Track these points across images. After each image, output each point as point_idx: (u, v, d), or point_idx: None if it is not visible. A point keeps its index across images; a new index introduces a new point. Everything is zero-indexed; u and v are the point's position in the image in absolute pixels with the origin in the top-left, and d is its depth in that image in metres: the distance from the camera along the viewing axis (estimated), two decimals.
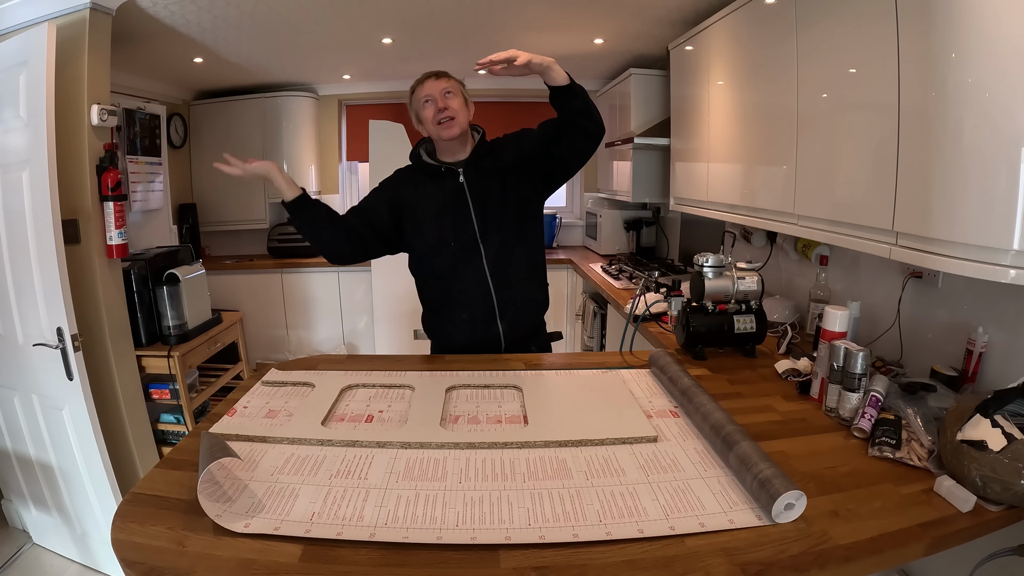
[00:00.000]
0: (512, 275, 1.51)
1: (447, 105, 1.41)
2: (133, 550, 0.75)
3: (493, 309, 1.51)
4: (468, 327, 1.53)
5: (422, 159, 1.52)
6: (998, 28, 0.94)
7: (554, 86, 1.31)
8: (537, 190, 1.53)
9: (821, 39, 1.45)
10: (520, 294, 1.54)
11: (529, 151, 1.48)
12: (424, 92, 1.44)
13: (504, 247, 1.49)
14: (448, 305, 1.54)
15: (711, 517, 0.81)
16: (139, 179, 2.82)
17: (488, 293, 1.49)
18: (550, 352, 1.65)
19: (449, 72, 1.47)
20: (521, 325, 1.56)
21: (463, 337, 1.54)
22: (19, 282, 1.85)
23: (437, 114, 1.42)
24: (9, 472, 2.16)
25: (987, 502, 0.84)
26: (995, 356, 1.23)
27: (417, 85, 1.46)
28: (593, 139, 1.40)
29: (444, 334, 1.59)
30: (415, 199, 1.51)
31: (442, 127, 1.43)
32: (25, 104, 1.74)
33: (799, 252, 2.00)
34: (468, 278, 1.49)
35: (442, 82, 1.43)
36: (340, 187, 4.15)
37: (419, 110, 1.46)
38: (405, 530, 0.78)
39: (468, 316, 1.52)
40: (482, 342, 1.53)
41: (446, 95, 1.42)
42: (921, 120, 1.10)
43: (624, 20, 2.55)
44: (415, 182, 1.52)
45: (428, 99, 1.43)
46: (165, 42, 2.58)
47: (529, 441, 1.02)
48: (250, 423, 1.11)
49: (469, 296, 1.50)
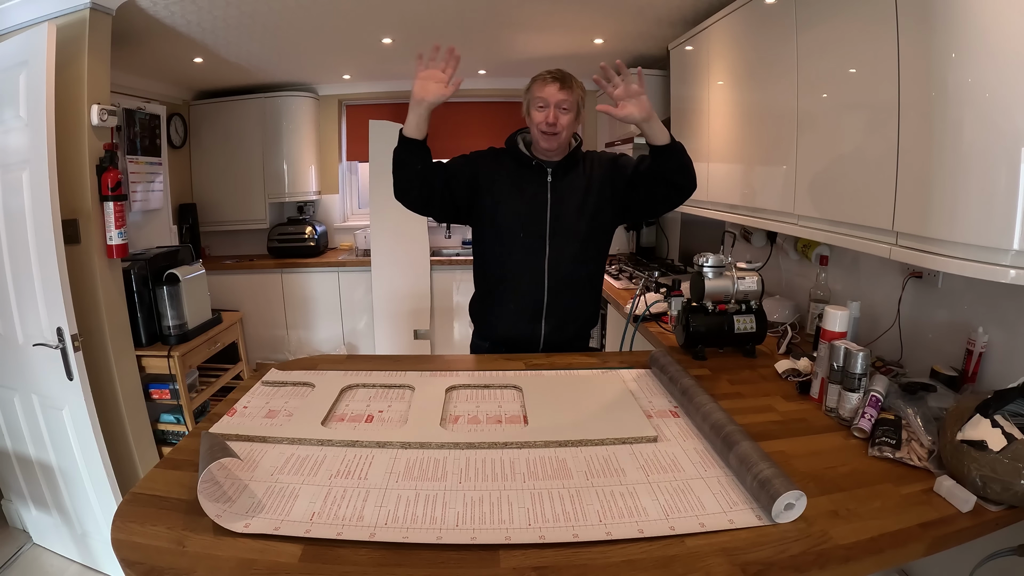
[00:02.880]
0: (568, 281, 1.54)
1: (556, 120, 1.42)
2: (133, 550, 0.75)
3: (541, 308, 1.53)
4: (513, 319, 1.55)
5: (518, 148, 1.54)
6: (998, 28, 0.94)
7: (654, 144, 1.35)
8: (615, 215, 1.56)
9: (821, 39, 1.45)
10: (571, 301, 1.57)
11: (619, 182, 1.51)
12: (543, 94, 1.42)
13: (567, 253, 1.51)
14: (500, 292, 1.56)
15: (711, 517, 0.81)
16: (139, 179, 2.81)
17: (541, 291, 1.52)
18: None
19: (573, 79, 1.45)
20: (564, 330, 1.58)
21: (505, 328, 1.57)
22: (19, 282, 1.85)
23: (545, 123, 1.43)
24: (9, 472, 2.16)
25: (987, 502, 0.84)
26: (995, 356, 1.23)
27: (538, 83, 1.45)
28: (684, 194, 1.44)
29: (489, 321, 1.61)
30: (499, 180, 1.52)
31: (544, 136, 1.45)
32: (25, 104, 1.74)
33: (799, 252, 2.00)
34: (525, 271, 1.52)
35: (562, 93, 1.42)
36: (340, 187, 4.15)
37: (530, 107, 1.47)
38: (405, 530, 0.78)
39: (516, 307, 1.54)
40: (523, 338, 1.56)
41: (561, 110, 1.42)
42: (921, 120, 1.10)
43: (624, 20, 2.54)
44: (504, 165, 1.54)
45: (543, 104, 1.43)
46: (165, 42, 2.58)
47: (529, 441, 1.02)
48: (250, 423, 1.11)
49: (522, 289, 1.53)
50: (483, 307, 1.62)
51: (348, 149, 4.16)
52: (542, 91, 1.43)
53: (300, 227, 3.82)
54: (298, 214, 3.99)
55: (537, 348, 1.57)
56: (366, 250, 3.76)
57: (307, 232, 3.80)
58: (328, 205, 4.17)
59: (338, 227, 4.20)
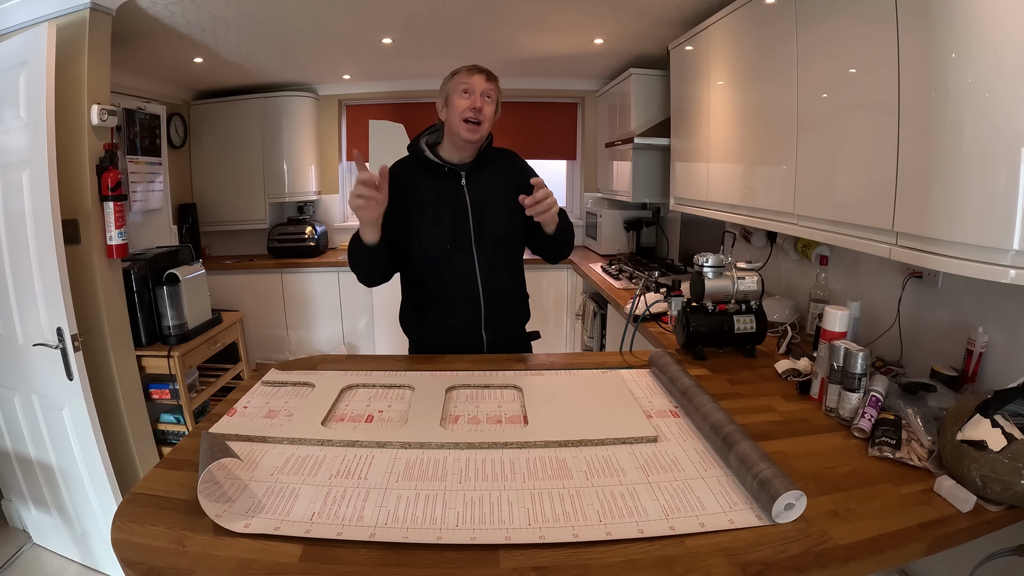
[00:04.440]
0: (501, 284, 1.52)
1: (481, 108, 1.39)
2: (133, 550, 0.75)
3: (480, 317, 1.50)
4: (453, 332, 1.52)
5: (424, 154, 1.47)
6: (998, 28, 0.94)
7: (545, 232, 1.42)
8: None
9: (821, 39, 1.45)
10: (506, 303, 1.55)
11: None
12: (468, 82, 1.40)
13: (496, 255, 1.49)
14: (436, 307, 1.51)
15: (711, 517, 0.81)
16: (139, 179, 2.82)
17: (477, 300, 1.49)
18: (531, 351, 1.65)
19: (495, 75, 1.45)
20: (505, 333, 1.57)
21: (447, 341, 1.52)
22: (19, 282, 1.85)
23: (469, 111, 1.39)
24: (9, 472, 2.16)
25: (987, 502, 0.84)
26: (995, 356, 1.23)
27: (463, 71, 1.41)
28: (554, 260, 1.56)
29: (427, 336, 1.56)
30: (420, 198, 1.46)
31: (467, 126, 1.40)
32: (25, 104, 1.74)
33: (799, 252, 2.00)
34: (458, 283, 1.47)
35: (489, 84, 1.41)
36: (340, 187, 4.15)
37: (452, 94, 1.41)
38: (405, 530, 0.78)
39: (455, 323, 1.51)
40: (465, 347, 1.52)
41: (485, 98, 1.40)
42: (921, 120, 1.10)
43: (624, 20, 2.55)
44: (413, 176, 1.47)
45: (468, 91, 1.39)
46: (165, 42, 2.58)
47: (529, 441, 1.02)
48: (250, 423, 1.11)
49: (458, 302, 1.49)
50: (420, 322, 1.55)
51: (348, 149, 4.16)
52: (468, 79, 1.40)
53: (300, 227, 3.82)
54: (298, 214, 4.00)
55: (483, 352, 1.54)
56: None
57: (307, 232, 3.80)
58: (328, 205, 4.17)
59: (338, 227, 4.20)
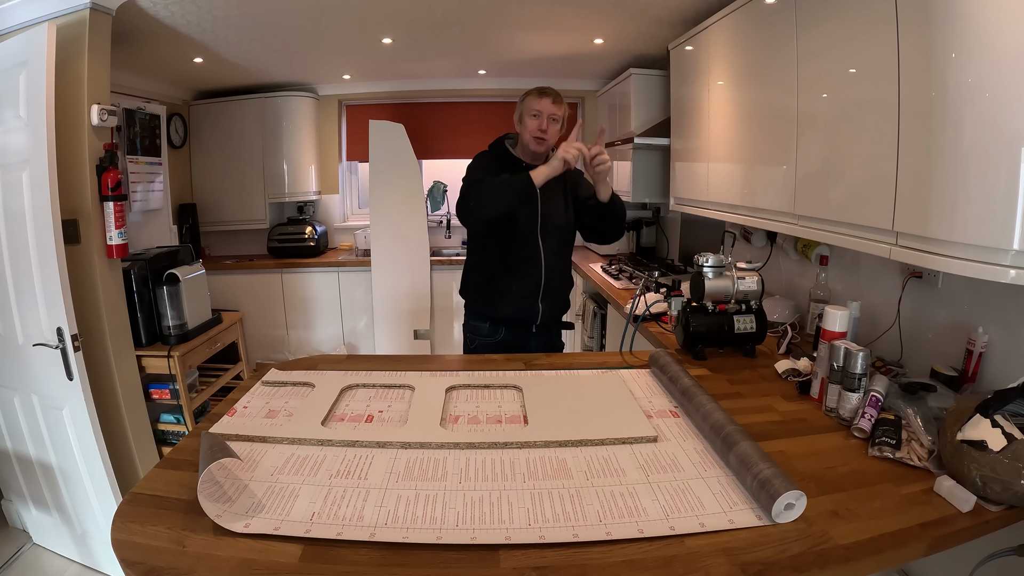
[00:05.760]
0: (558, 266, 1.82)
1: (547, 130, 1.67)
2: (133, 550, 0.75)
3: (539, 289, 1.78)
4: (517, 300, 1.78)
5: (508, 151, 1.79)
6: (998, 28, 0.93)
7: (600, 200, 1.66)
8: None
9: (821, 39, 1.45)
10: (560, 283, 1.85)
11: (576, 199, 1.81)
12: (539, 106, 1.67)
13: (556, 242, 1.80)
14: (504, 280, 1.77)
15: (711, 517, 0.81)
16: (139, 179, 2.81)
17: (539, 275, 1.77)
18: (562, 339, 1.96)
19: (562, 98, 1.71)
20: (556, 308, 1.85)
21: (509, 306, 1.79)
22: (19, 282, 1.85)
23: (538, 130, 1.67)
24: (9, 472, 2.16)
25: (987, 502, 0.84)
26: (995, 356, 1.23)
27: (536, 96, 1.68)
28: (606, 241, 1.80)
29: (493, 302, 1.81)
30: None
31: (535, 141, 1.70)
32: (25, 104, 1.74)
33: (799, 252, 2.00)
34: (525, 258, 1.76)
35: (555, 107, 1.68)
36: (340, 187, 4.15)
37: (525, 115, 1.70)
38: (405, 530, 0.78)
39: (518, 292, 1.78)
40: (524, 316, 1.80)
41: (552, 120, 1.67)
42: (921, 120, 1.10)
43: (624, 20, 2.54)
44: (495, 168, 1.73)
45: (537, 114, 1.67)
46: (165, 42, 2.58)
47: (529, 441, 1.02)
48: (250, 423, 1.11)
49: (523, 276, 1.77)
50: (486, 292, 1.83)
51: (348, 149, 4.16)
52: (538, 103, 1.67)
53: (300, 227, 3.82)
54: (298, 214, 3.99)
55: (536, 322, 1.81)
56: (366, 250, 3.76)
57: (307, 232, 3.80)
58: (328, 205, 4.17)
59: (338, 227, 4.20)
